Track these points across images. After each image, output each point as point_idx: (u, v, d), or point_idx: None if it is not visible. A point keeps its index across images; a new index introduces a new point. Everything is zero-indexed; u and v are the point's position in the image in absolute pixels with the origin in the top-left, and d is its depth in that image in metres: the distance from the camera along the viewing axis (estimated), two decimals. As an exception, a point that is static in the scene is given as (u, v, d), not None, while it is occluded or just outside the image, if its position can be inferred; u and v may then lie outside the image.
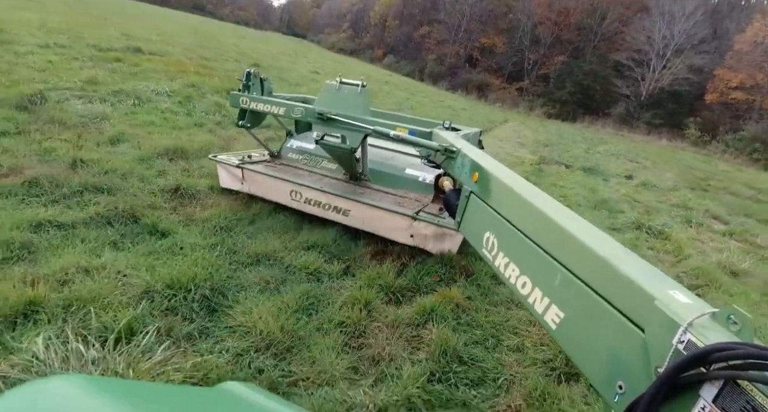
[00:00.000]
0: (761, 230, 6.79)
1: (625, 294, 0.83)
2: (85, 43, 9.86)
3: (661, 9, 32.55)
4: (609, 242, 1.00)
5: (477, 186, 1.58)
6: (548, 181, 7.99)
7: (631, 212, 6.69)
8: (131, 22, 17.65)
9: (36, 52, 7.65)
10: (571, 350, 0.96)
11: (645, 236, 5.49)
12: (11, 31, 8.73)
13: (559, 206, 1.22)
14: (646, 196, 8.30)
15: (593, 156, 13.28)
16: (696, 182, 11.18)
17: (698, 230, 6.15)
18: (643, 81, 33.46)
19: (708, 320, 0.70)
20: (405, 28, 54.03)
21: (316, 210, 3.59)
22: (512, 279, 1.20)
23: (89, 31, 11.46)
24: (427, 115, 14.80)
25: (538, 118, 31.53)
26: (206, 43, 16.73)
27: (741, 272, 4.48)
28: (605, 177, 9.79)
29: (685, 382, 0.66)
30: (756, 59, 31.07)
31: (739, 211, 8.46)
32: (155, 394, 0.63)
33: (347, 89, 3.19)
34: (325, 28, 76.17)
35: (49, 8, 14.92)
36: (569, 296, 0.98)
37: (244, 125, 3.77)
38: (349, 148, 3.16)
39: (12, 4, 12.79)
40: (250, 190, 3.87)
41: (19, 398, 0.49)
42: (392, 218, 3.33)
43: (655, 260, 4.64)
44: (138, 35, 13.28)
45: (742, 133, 24.90)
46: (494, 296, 3.11)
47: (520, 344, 2.60)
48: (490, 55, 45.35)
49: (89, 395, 0.51)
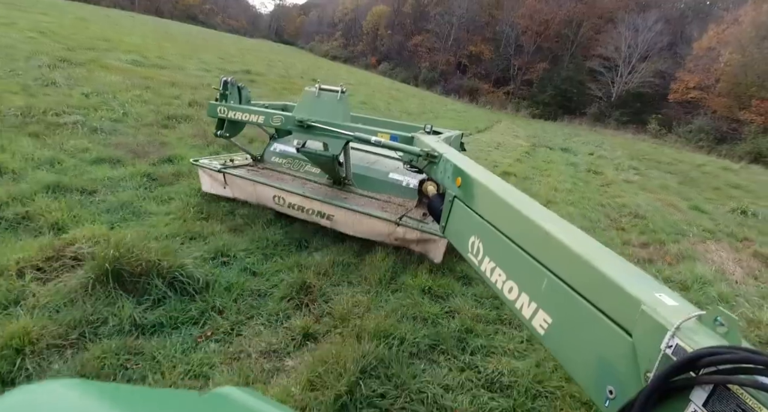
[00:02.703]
0: (656, 172, 12.46)
1: (612, 298, 0.84)
2: (214, 66, 14.86)
3: (627, 23, 38.93)
4: (594, 246, 1.03)
5: (460, 191, 1.63)
6: (539, 156, 13.35)
7: (587, 166, 12.16)
8: (201, 44, 22.65)
9: (197, 75, 12.52)
10: (561, 355, 0.98)
11: (591, 174, 10.92)
12: (170, 59, 13.75)
13: (544, 209, 1.27)
14: (599, 162, 13.81)
15: (569, 143, 18.82)
16: (636, 157, 16.82)
17: (619, 171, 11.70)
18: (613, 84, 39.87)
19: (695, 323, 0.71)
20: (397, 37, 59.56)
21: (300, 214, 3.65)
22: (498, 284, 1.23)
23: (203, 56, 16.49)
24: (440, 116, 20.31)
25: (524, 118, 37.18)
26: (266, 59, 21.84)
27: (631, 181, 9.99)
28: (575, 153, 15.30)
29: (675, 387, 0.68)
30: (708, 63, 37.60)
31: (652, 167, 14.13)
32: (151, 398, 0.66)
33: (327, 96, 3.18)
34: (316, 36, 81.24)
35: (138, 33, 19.73)
36: (556, 300, 1.00)
37: (222, 135, 3.73)
38: (331, 155, 3.17)
39: (102, 35, 17.32)
40: (233, 194, 3.91)
41: (15, 402, 0.50)
42: (375, 223, 3.39)
43: (593, 180, 10.05)
44: (229, 56, 18.38)
45: (691, 126, 31.18)
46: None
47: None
48: (478, 62, 51.04)
49: (85, 399, 0.52)
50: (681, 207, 8.06)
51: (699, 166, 16.21)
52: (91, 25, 18.83)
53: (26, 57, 8.79)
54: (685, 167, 15.56)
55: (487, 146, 12.69)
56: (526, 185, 7.91)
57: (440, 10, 52.85)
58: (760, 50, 30.91)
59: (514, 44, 46.86)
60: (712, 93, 35.18)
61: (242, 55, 22.07)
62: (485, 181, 1.49)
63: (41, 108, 5.85)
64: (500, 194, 1.34)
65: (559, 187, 8.17)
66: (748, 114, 30.46)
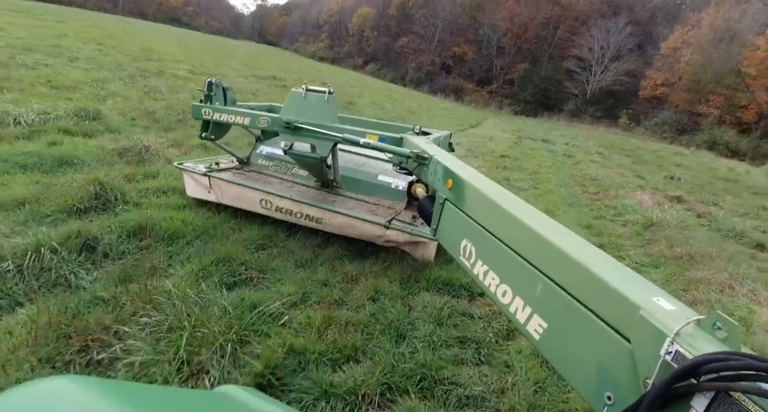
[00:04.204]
0: (617, 156, 15.95)
1: (609, 303, 0.83)
2: (245, 73, 17.66)
3: (599, 26, 43.00)
4: (589, 249, 1.02)
5: (451, 193, 1.61)
6: (525, 145, 16.61)
7: (563, 152, 15.51)
8: (217, 50, 25.32)
9: (239, 81, 15.49)
10: (557, 361, 0.97)
11: (566, 157, 14.22)
12: (223, 72, 16.58)
13: (536, 211, 1.25)
14: (572, 149, 17.16)
15: (548, 136, 22.19)
16: (604, 145, 20.30)
17: (587, 155, 15.10)
18: (588, 83, 43.94)
19: (694, 328, 0.71)
20: (383, 39, 62.50)
21: (288, 218, 3.68)
22: (492, 288, 1.22)
23: (230, 62, 19.31)
24: (436, 114, 23.53)
25: (508, 115, 40.54)
26: (287, 67, 24.70)
27: (595, 161, 13.36)
28: (554, 143, 18.65)
29: (676, 393, 0.68)
30: (673, 62, 41.88)
31: (615, 152, 17.64)
32: (154, 396, 0.66)
33: (314, 97, 3.17)
34: (300, 37, 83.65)
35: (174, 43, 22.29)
36: (551, 305, 0.99)
37: (207, 137, 3.71)
38: (319, 157, 3.18)
39: (142, 45, 20.16)
40: (218, 199, 3.89)
41: (19, 398, 0.51)
42: (365, 227, 3.44)
43: (567, 161, 13.34)
44: (250, 62, 21.21)
45: (656, 119, 35.28)
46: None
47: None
48: (462, 63, 54.38)
49: (88, 397, 0.53)
50: (627, 175, 11.38)
51: (654, 152, 19.83)
52: (128, 34, 21.44)
53: (113, 69, 11.41)
54: (643, 153, 19.12)
55: (482, 139, 15.85)
56: (519, 163, 11.10)
57: (424, 11, 56.01)
58: (717, 51, 35.09)
59: (496, 46, 50.43)
60: (676, 89, 39.40)
61: (257, 61, 24.87)
62: (476, 183, 1.46)
63: (178, 108, 8.33)
64: (492, 197, 1.32)
65: (542, 164, 11.39)
66: (706, 107, 34.75)
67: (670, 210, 7.30)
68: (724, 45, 34.48)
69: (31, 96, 6.85)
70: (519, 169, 9.98)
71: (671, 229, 6.11)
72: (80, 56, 12.06)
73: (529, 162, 11.67)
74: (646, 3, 50.30)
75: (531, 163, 11.34)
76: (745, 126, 33.28)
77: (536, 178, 9.29)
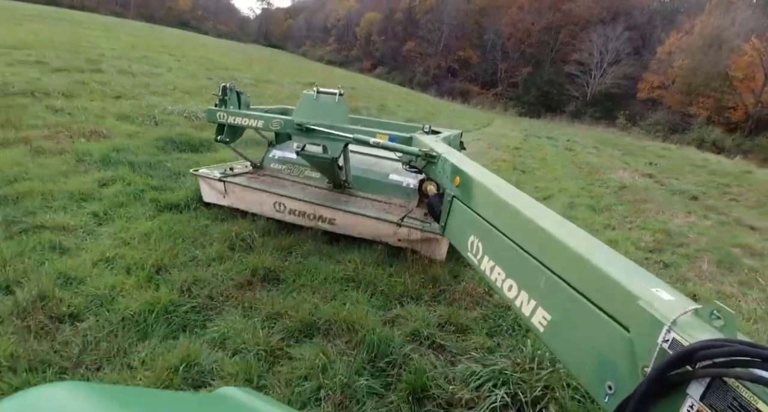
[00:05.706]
0: (610, 150, 19.40)
1: (609, 294, 0.87)
2: (293, 80, 20.90)
3: (598, 32, 46.61)
4: (591, 242, 1.06)
5: (459, 190, 1.67)
6: (532, 142, 19.93)
7: (565, 147, 18.87)
8: (253, 58, 28.47)
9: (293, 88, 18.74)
10: (560, 352, 1.02)
11: (567, 151, 17.59)
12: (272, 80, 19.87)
13: (541, 207, 1.30)
14: (573, 145, 20.52)
15: (552, 134, 25.54)
16: (601, 142, 23.71)
17: (584, 148, 18.51)
18: (588, 86, 47.59)
19: (691, 317, 0.74)
20: (391, 43, 65.28)
21: (301, 220, 3.78)
22: (498, 282, 1.27)
23: (275, 71, 22.57)
24: (450, 116, 26.67)
25: (512, 116, 43.45)
26: (300, 71, 28.02)
27: (591, 153, 16.77)
28: (557, 140, 22.03)
29: (672, 381, 0.70)
30: (667, 66, 45.35)
31: (609, 147, 21.08)
32: (153, 400, 0.67)
33: (325, 98, 3.30)
34: (306, 41, 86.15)
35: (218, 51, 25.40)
36: (555, 297, 1.04)
37: (222, 140, 3.82)
38: (330, 157, 3.28)
39: (203, 55, 23.31)
40: (232, 203, 3.99)
41: (17, 405, 0.50)
42: (377, 225, 3.55)
43: (568, 153, 16.70)
44: (291, 71, 24.51)
45: (650, 119, 38.87)
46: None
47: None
48: (467, 66, 56.98)
49: (86, 402, 0.53)
50: (615, 162, 14.76)
51: (644, 147, 23.24)
52: (178, 43, 24.66)
53: (202, 77, 14.21)
54: (633, 148, 22.52)
55: (496, 136, 19.18)
56: (531, 153, 14.45)
57: (430, 17, 58.64)
58: (706, 57, 38.64)
59: (500, 50, 53.80)
60: (670, 91, 42.92)
61: (292, 68, 28.07)
62: (483, 180, 1.51)
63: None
64: (498, 193, 1.37)
65: (548, 156, 14.77)
66: (696, 109, 38.32)
67: (640, 179, 10.68)
68: (713, 51, 38.05)
69: (172, 98, 9.23)
70: (531, 158, 13.34)
71: (637, 189, 9.47)
72: (172, 66, 15.15)
73: (538, 152, 15.04)
74: (644, 7, 53.40)
75: (540, 154, 14.71)
76: (732, 126, 36.85)
77: (545, 163, 12.64)
